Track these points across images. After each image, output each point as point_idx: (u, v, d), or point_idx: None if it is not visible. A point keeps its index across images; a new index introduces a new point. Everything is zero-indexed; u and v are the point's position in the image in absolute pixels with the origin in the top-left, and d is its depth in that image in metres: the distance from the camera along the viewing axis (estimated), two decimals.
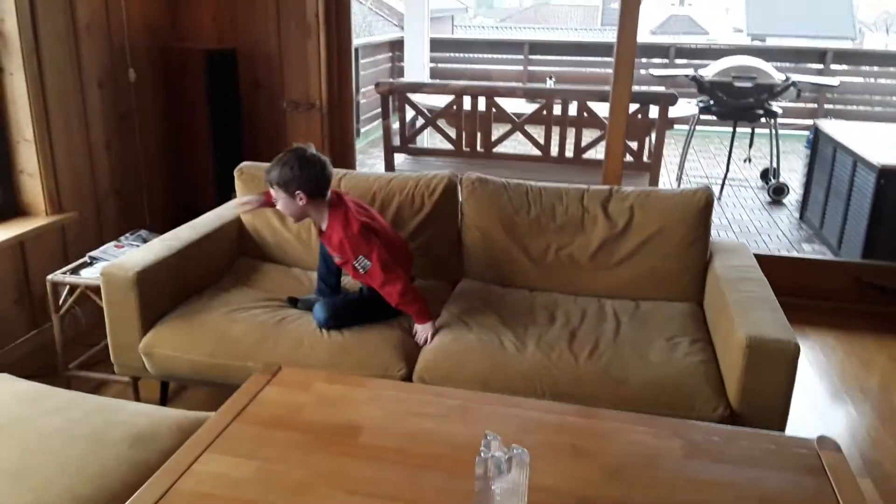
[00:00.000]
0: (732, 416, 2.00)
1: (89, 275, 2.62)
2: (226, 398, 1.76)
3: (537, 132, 4.50)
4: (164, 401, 2.57)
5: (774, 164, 5.87)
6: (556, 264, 2.64)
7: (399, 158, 4.73)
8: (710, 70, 5.60)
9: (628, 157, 4.01)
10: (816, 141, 5.04)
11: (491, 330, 2.30)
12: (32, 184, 2.94)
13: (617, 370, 2.11)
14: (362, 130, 7.68)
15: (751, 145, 6.12)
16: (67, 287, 2.63)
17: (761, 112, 5.50)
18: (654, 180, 4.31)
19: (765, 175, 6.24)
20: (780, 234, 5.10)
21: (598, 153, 4.26)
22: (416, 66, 7.26)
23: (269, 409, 1.73)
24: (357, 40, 5.70)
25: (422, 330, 2.32)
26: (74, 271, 2.67)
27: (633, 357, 2.16)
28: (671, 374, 2.09)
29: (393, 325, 2.34)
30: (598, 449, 1.63)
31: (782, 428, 1.98)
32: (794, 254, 4.64)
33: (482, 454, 1.35)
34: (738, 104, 5.47)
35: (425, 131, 4.98)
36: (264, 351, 2.26)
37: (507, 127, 4.51)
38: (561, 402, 1.89)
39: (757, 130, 6.10)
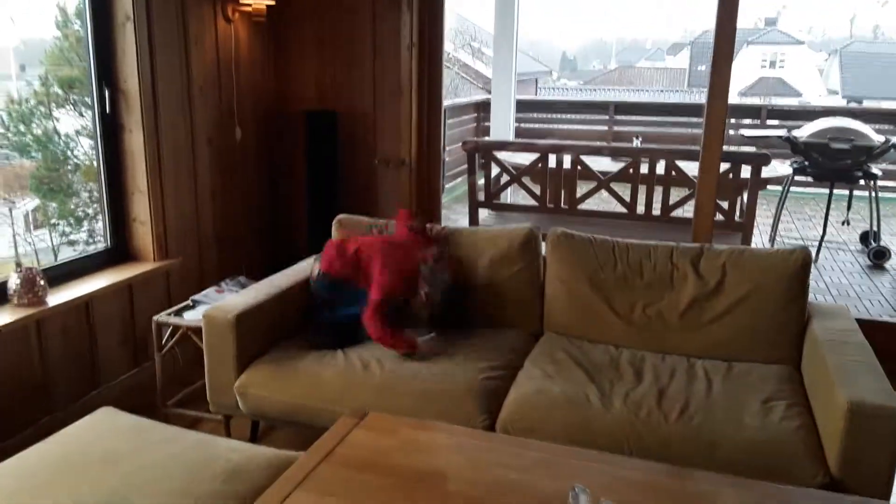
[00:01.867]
0: (832, 483, 1.89)
1: (191, 317, 2.76)
2: (313, 439, 1.81)
3: (623, 190, 4.49)
4: (254, 439, 2.65)
5: (875, 228, 5.62)
6: (643, 321, 2.60)
7: (483, 213, 4.81)
8: (805, 131, 5.47)
9: (719, 217, 3.93)
10: None
11: (576, 384, 2.27)
12: (143, 231, 3.15)
13: (709, 432, 2.04)
14: (447, 186, 7.85)
15: (849, 207, 5.89)
16: (170, 328, 2.78)
17: (860, 174, 5.30)
18: (747, 240, 4.20)
19: (864, 238, 5.97)
20: (881, 299, 4.84)
21: (686, 212, 4.21)
22: (502, 126, 7.41)
23: (356, 452, 1.76)
24: (445, 102, 5.89)
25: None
26: (177, 313, 2.82)
27: (725, 419, 2.09)
28: (767, 438, 2.00)
29: (479, 373, 2.35)
30: None
31: (886, 498, 1.86)
32: None
33: None
34: (834, 166, 5.30)
35: (509, 188, 5.05)
36: (351, 396, 2.31)
37: (592, 184, 4.53)
38: (649, 460, 1.84)
39: (855, 193, 5.87)
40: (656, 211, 4.41)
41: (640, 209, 4.44)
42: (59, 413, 2.74)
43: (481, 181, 4.76)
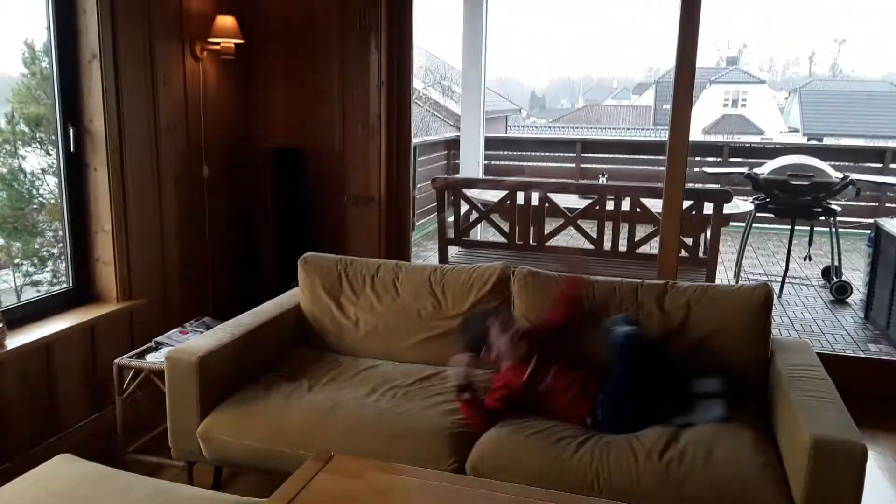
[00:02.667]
0: None
1: (154, 359, 2.71)
2: (278, 485, 1.78)
3: (590, 227, 4.55)
4: (217, 486, 2.58)
5: (836, 263, 5.75)
6: None
7: (453, 251, 4.82)
8: (766, 168, 5.62)
9: (683, 253, 4.00)
10: (878, 240, 4.94)
11: (547, 424, 2.26)
12: (107, 272, 3.10)
13: (677, 468, 2.04)
14: (417, 224, 7.87)
15: (810, 243, 6.03)
16: (132, 371, 2.72)
17: (819, 210, 5.44)
18: (711, 277, 4.27)
19: (826, 273, 6.10)
20: (844, 333, 4.93)
21: (652, 248, 4.27)
22: (471, 164, 7.47)
23: (320, 498, 1.73)
24: (415, 139, 5.95)
25: None
26: (140, 356, 2.77)
27: (694, 456, 2.09)
28: (734, 474, 2.01)
29: (448, 414, 2.33)
30: None
31: None
32: (861, 354, 4.46)
33: None
34: (795, 202, 5.43)
35: (479, 225, 5.09)
36: (318, 437, 2.27)
37: (560, 221, 4.58)
38: (618, 500, 1.83)
39: (816, 228, 6.01)
40: (622, 247, 4.47)
41: (608, 245, 4.49)
42: (16, 460, 2.65)
43: (451, 218, 4.78)
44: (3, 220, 3.08)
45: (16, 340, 2.63)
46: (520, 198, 4.56)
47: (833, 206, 5.43)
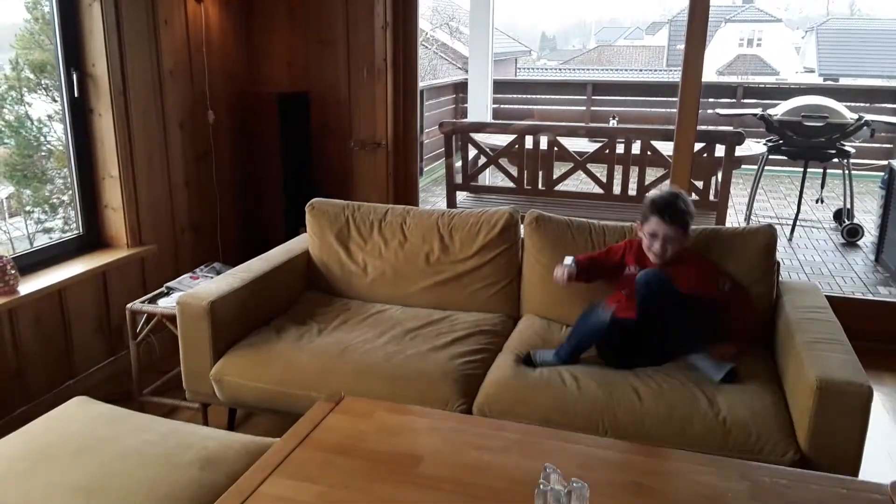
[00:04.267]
0: (802, 460, 1.93)
1: (166, 304, 2.74)
2: (290, 425, 1.81)
3: (600, 171, 4.50)
4: (231, 427, 2.65)
5: (848, 205, 5.70)
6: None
7: (461, 196, 4.80)
8: (780, 109, 5.52)
9: (694, 197, 3.96)
10: (891, 181, 4.87)
11: (552, 367, 2.29)
12: (116, 218, 3.11)
13: (682, 410, 2.07)
14: (425, 169, 7.83)
15: (822, 186, 5.96)
16: (145, 316, 2.76)
17: (833, 152, 5.37)
18: (721, 220, 4.24)
19: (838, 216, 6.05)
20: (854, 276, 4.92)
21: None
22: (479, 107, 7.38)
23: (332, 437, 1.77)
24: (422, 83, 5.86)
25: (732, 352, 2.30)
26: (152, 301, 2.80)
27: (698, 398, 2.12)
28: (738, 415, 2.03)
29: (456, 357, 2.36)
30: (661, 488, 1.60)
31: (854, 474, 1.89)
32: (870, 297, 4.46)
33: (541, 486, 1.36)
34: (808, 143, 5.35)
35: (487, 170, 5.05)
36: (328, 380, 2.31)
37: (569, 166, 4.53)
38: (624, 440, 1.86)
39: (829, 170, 5.94)
40: (632, 191, 4.44)
41: (617, 189, 4.46)
42: (34, 403, 2.71)
43: (459, 163, 4.75)
44: (13, 167, 3.08)
45: (29, 286, 2.66)
46: (528, 142, 4.51)
47: (847, 148, 5.35)
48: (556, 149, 4.48)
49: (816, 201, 6.16)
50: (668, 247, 2.37)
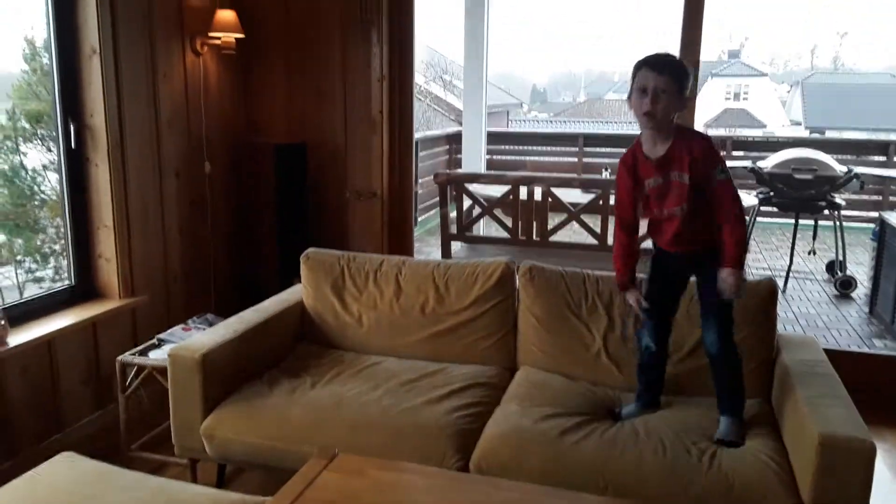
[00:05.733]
0: None
1: (157, 356, 2.70)
2: (282, 482, 1.77)
3: (593, 221, 4.52)
4: (221, 483, 2.58)
5: (840, 257, 5.72)
6: (617, 356, 2.59)
7: (455, 246, 4.79)
8: (769, 162, 5.59)
9: None
10: (883, 234, 4.91)
11: (551, 421, 2.25)
12: (108, 268, 3.08)
13: (683, 468, 2.03)
14: (419, 219, 7.85)
15: (814, 237, 6.00)
16: (135, 368, 2.71)
17: (823, 204, 5.42)
18: None
19: (831, 268, 6.08)
20: (849, 328, 4.91)
21: None
22: (473, 158, 7.45)
23: (325, 496, 1.72)
24: (417, 134, 5.92)
25: (731, 276, 2.12)
26: (143, 353, 2.75)
27: (699, 454, 2.08)
28: (740, 472, 2.00)
29: (452, 411, 2.32)
30: None
31: None
32: (866, 349, 4.45)
33: None
34: (799, 196, 5.41)
35: (482, 220, 5.07)
36: (321, 434, 2.26)
37: (563, 216, 4.55)
38: (624, 498, 1.82)
39: (820, 222, 5.99)
40: None
41: (610, 240, 4.47)
42: (19, 457, 2.64)
43: (454, 214, 4.76)
44: (5, 216, 3.07)
45: (18, 338, 2.62)
46: (522, 192, 4.54)
47: (837, 200, 5.40)
48: (549, 199, 4.50)
49: (808, 253, 6.19)
50: (660, 103, 2.07)
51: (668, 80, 2.07)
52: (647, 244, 2.48)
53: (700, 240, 2.21)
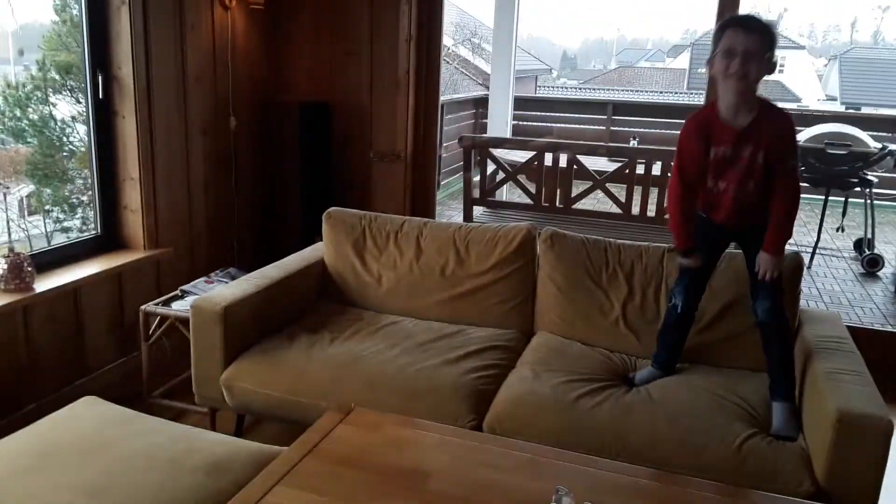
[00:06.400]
0: (819, 492, 1.88)
1: (179, 307, 2.74)
2: (298, 434, 1.80)
3: (618, 191, 4.48)
4: (239, 433, 2.63)
5: (869, 235, 5.62)
6: (635, 325, 2.58)
7: (477, 211, 4.79)
8: (802, 136, 5.47)
9: None
10: None
11: (566, 386, 2.26)
12: (134, 219, 3.12)
13: (697, 437, 2.03)
14: (442, 183, 7.83)
15: (844, 214, 5.89)
16: (158, 318, 2.76)
17: (855, 180, 5.31)
18: None
19: (858, 246, 5.98)
20: (874, 307, 4.84)
21: None
22: (499, 123, 7.39)
23: (340, 448, 1.75)
24: (443, 97, 5.88)
25: (771, 262, 2.11)
26: (166, 303, 2.80)
27: (714, 425, 2.08)
28: (754, 445, 1.99)
29: (468, 372, 2.34)
30: None
31: None
32: (890, 328, 4.39)
33: None
34: (830, 171, 5.30)
35: (504, 186, 5.05)
36: (338, 390, 2.29)
37: (588, 184, 4.51)
38: (636, 464, 1.83)
39: (851, 199, 5.87)
40: (651, 213, 4.40)
41: (636, 210, 4.43)
42: (45, 400, 2.71)
43: (477, 178, 4.74)
44: (35, 166, 3.11)
45: (45, 284, 2.67)
46: (548, 159, 4.50)
47: (869, 177, 5.29)
48: (575, 167, 4.47)
49: (837, 230, 6.09)
50: (750, 66, 1.95)
51: (757, 42, 1.96)
52: None
53: (751, 219, 2.17)
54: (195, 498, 1.63)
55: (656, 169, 4.31)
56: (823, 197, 5.61)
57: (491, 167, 4.76)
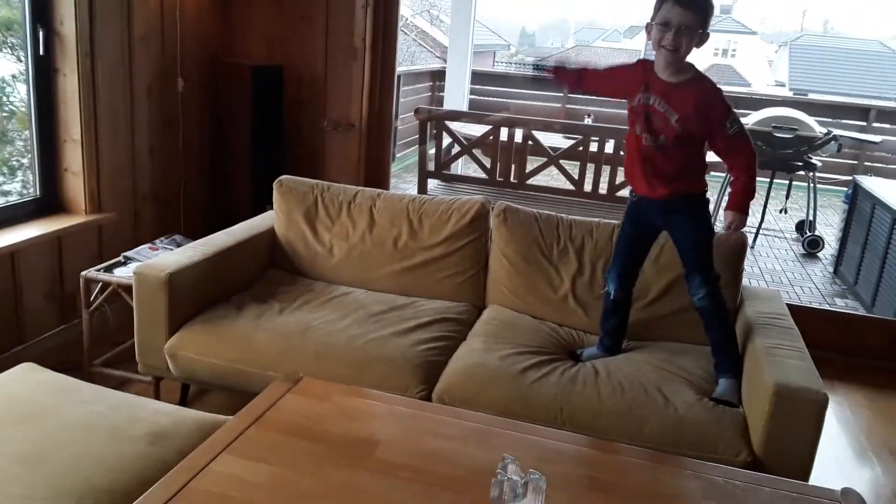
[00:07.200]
0: (755, 462, 1.95)
1: (122, 274, 2.66)
2: (245, 404, 1.77)
3: (572, 168, 4.51)
4: (184, 402, 2.59)
5: (811, 217, 5.80)
6: (584, 299, 2.62)
7: (432, 184, 4.77)
8: (750, 119, 5.59)
9: None
10: (855, 196, 4.98)
11: (515, 358, 2.28)
12: (75, 182, 3.01)
13: (639, 408, 2.08)
14: (397, 155, 7.76)
15: (787, 196, 6.07)
16: (100, 284, 2.68)
17: (800, 164, 5.46)
18: None
19: (800, 227, 6.17)
20: (812, 287, 5.02)
21: None
22: (456, 97, 7.34)
23: (287, 417, 1.73)
24: (399, 68, 5.80)
25: (736, 219, 2.18)
26: (108, 269, 2.72)
27: (656, 396, 2.13)
28: (694, 416, 2.05)
29: (418, 343, 2.34)
30: (616, 484, 1.60)
31: (805, 479, 1.92)
32: (827, 307, 4.55)
33: (498, 476, 1.34)
34: (776, 154, 5.43)
35: (460, 160, 5.03)
36: (287, 360, 2.27)
37: (543, 160, 4.53)
38: (580, 433, 1.86)
39: (795, 182, 6.04)
40: (603, 190, 4.45)
41: (588, 187, 4.47)
42: None
43: (432, 151, 4.71)
44: None
45: None
46: (503, 134, 4.50)
47: (814, 161, 5.44)
48: (530, 143, 4.47)
49: (780, 211, 6.27)
50: (683, 39, 2.04)
51: (693, 17, 2.04)
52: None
53: (676, 186, 2.21)
54: (137, 466, 1.60)
55: (609, 147, 4.35)
56: (769, 179, 5.76)
57: (447, 140, 4.73)
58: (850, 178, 5.77)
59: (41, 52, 2.84)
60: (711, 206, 2.72)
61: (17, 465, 1.54)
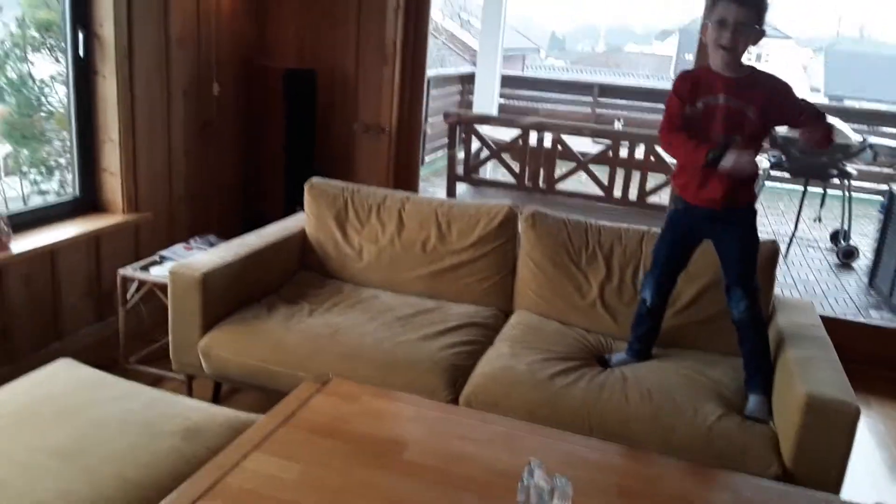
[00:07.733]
0: (785, 475, 1.92)
1: (158, 273, 2.72)
2: (275, 403, 1.80)
3: (601, 172, 4.49)
4: (216, 400, 2.63)
5: (845, 227, 5.70)
6: (612, 305, 2.61)
7: (461, 188, 4.79)
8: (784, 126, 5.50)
9: None
10: (891, 206, 4.87)
11: (543, 363, 2.28)
12: (113, 182, 3.08)
13: (668, 417, 2.07)
14: (426, 159, 7.79)
15: (822, 205, 5.96)
16: (136, 283, 2.74)
17: (835, 172, 5.36)
18: None
19: (835, 237, 6.06)
20: (847, 298, 4.93)
21: (662, 198, 4.22)
22: (486, 101, 7.36)
23: (317, 417, 1.75)
24: (429, 72, 5.83)
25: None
26: (144, 268, 2.77)
27: (685, 405, 2.11)
28: (724, 426, 2.03)
29: (446, 347, 2.35)
30: (643, 492, 1.59)
31: (837, 493, 1.90)
32: (861, 319, 4.47)
33: (524, 481, 1.35)
34: (810, 162, 5.35)
35: (488, 164, 5.04)
36: (316, 362, 2.30)
37: (572, 165, 4.52)
38: (608, 440, 1.86)
39: (829, 191, 5.94)
40: (633, 196, 4.43)
41: (618, 193, 4.45)
42: (19, 363, 2.69)
43: (461, 155, 4.73)
44: (12, 126, 3.05)
45: (21, 245, 2.63)
46: (532, 138, 4.50)
47: (849, 169, 5.35)
48: (559, 147, 4.47)
49: (814, 220, 6.17)
50: (741, 37, 2.02)
51: (749, 13, 2.02)
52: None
53: (734, 196, 2.15)
54: (170, 462, 1.63)
55: (639, 152, 4.33)
56: (802, 187, 5.67)
57: (476, 145, 4.75)
58: (885, 187, 5.66)
59: (81, 55, 2.91)
60: None
61: (53, 458, 1.58)
